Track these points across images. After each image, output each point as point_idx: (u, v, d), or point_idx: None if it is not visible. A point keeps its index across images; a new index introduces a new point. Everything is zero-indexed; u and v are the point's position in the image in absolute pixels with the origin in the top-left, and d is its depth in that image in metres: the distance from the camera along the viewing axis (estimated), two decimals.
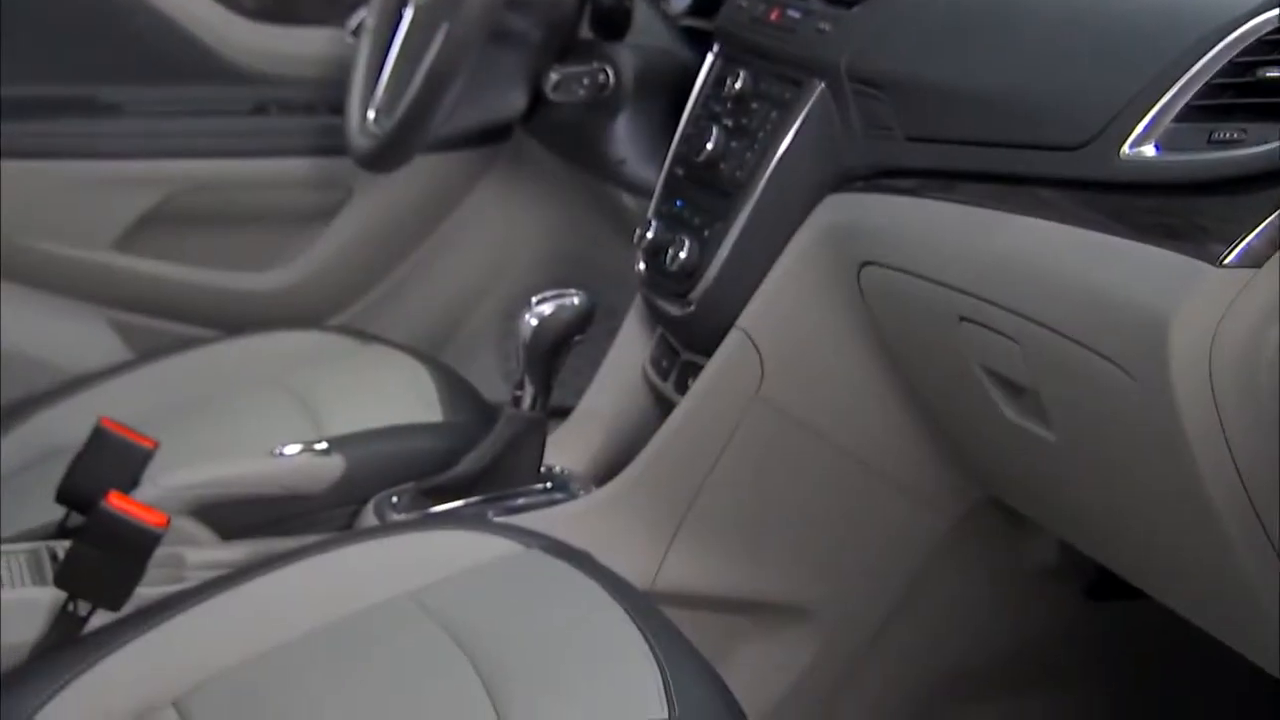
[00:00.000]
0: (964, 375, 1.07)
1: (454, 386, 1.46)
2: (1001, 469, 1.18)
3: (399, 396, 1.43)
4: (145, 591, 1.08)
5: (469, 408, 1.43)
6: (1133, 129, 0.92)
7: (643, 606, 1.04)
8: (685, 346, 1.31)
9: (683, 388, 1.29)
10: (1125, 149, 0.92)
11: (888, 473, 1.24)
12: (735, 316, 1.23)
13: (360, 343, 1.56)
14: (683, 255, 1.27)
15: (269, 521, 1.26)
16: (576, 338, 1.27)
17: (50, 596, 1.06)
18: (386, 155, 1.53)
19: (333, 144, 1.62)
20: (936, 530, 1.26)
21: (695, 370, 1.27)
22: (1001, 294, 0.99)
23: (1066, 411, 0.98)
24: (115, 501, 1.05)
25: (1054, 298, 0.94)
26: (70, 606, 1.05)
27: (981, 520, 1.26)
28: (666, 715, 0.93)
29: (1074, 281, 0.92)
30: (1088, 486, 1.01)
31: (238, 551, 1.21)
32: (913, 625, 1.29)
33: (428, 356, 1.53)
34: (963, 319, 1.04)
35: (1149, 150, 0.91)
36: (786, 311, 1.21)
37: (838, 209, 1.18)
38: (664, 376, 1.33)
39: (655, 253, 1.30)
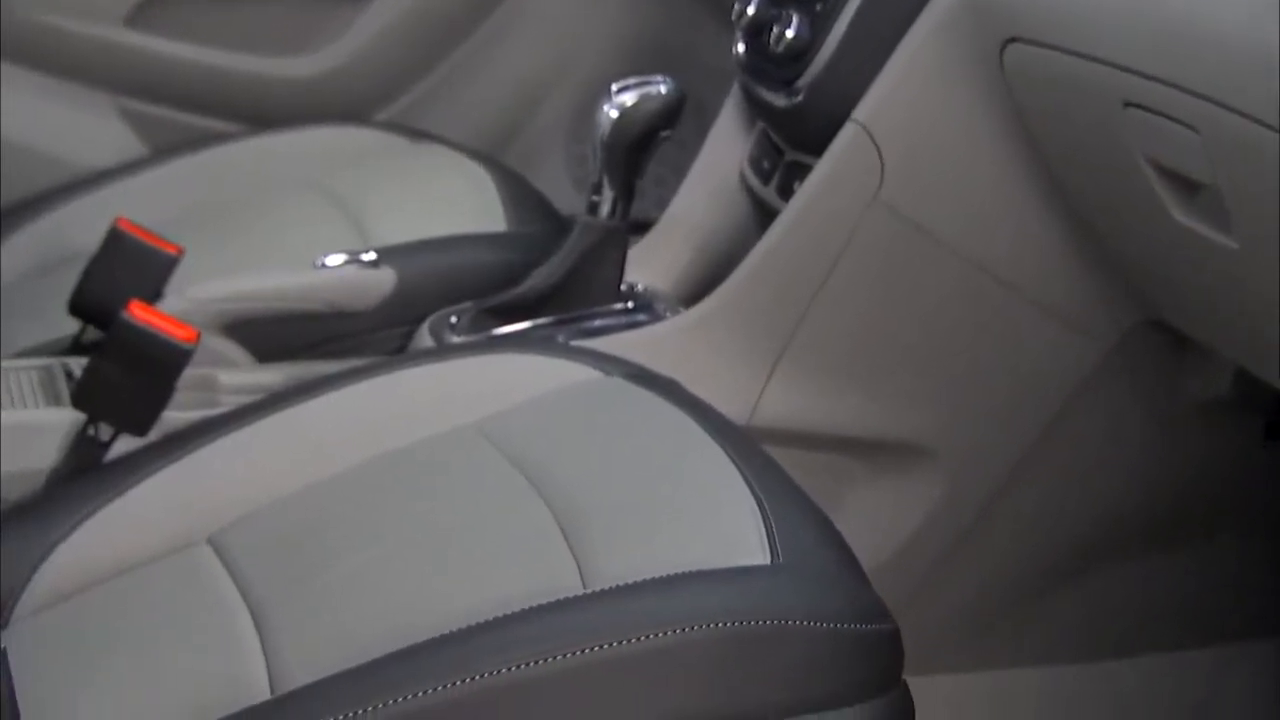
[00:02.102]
0: (1126, 171, 1.05)
1: (520, 192, 1.46)
2: (1167, 284, 1.16)
3: (457, 202, 1.43)
4: (174, 416, 1.11)
5: (537, 216, 1.43)
6: None
7: (740, 442, 1.05)
8: (790, 144, 1.30)
9: (787, 192, 1.28)
10: None
11: (1028, 291, 1.23)
12: (851, 107, 1.21)
13: (410, 141, 1.56)
14: (790, 34, 1.24)
15: (310, 343, 1.27)
16: (663, 133, 1.26)
17: (67, 419, 1.08)
18: None
19: None
20: (1085, 359, 1.25)
21: (802, 172, 1.26)
22: (1177, 71, 0.96)
23: (1254, 212, 0.96)
24: (138, 312, 1.06)
25: (1246, 75, 0.91)
26: (90, 430, 1.07)
27: (1138, 347, 1.25)
28: (769, 562, 0.95)
29: (1272, 53, 0.89)
30: (1276, 302, 1.00)
31: (275, 375, 1.23)
32: (1051, 469, 1.29)
33: (488, 158, 1.53)
34: (1128, 104, 1.02)
35: None
36: (912, 99, 1.19)
37: None
38: (765, 180, 1.32)
39: (757, 31, 1.28)
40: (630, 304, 1.30)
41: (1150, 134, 1.01)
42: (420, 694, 0.86)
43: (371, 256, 1.30)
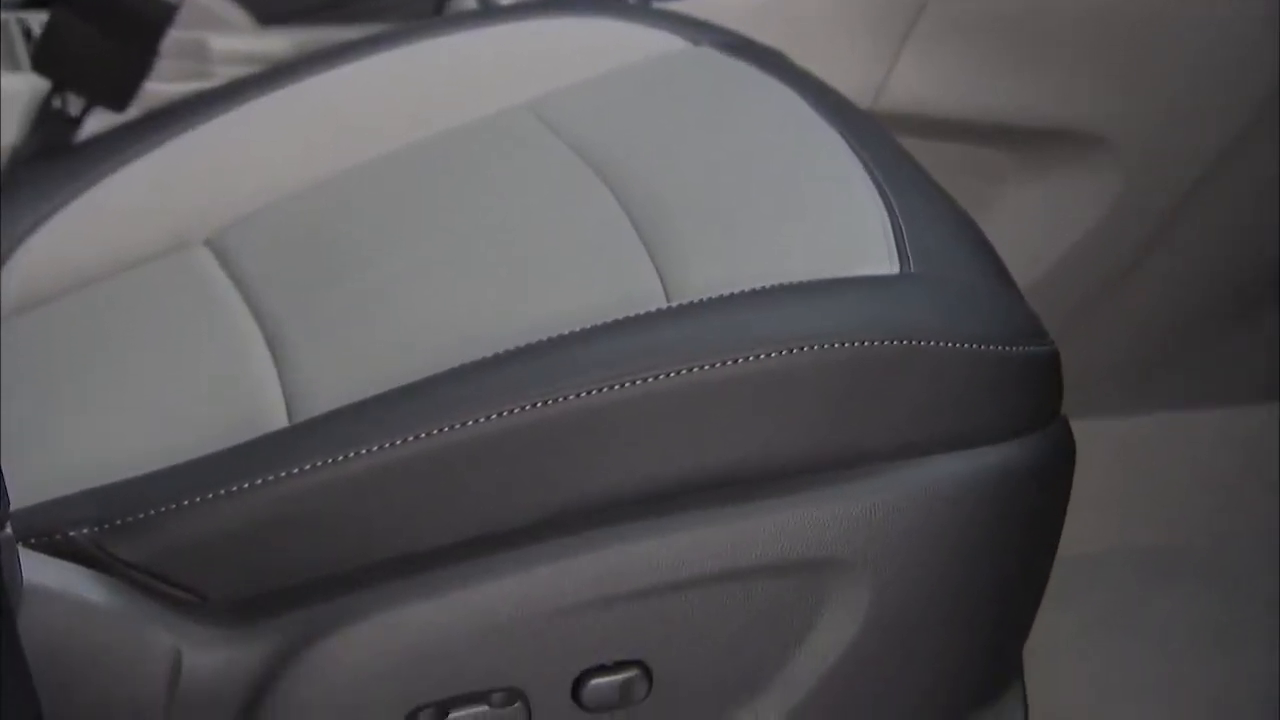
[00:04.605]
0: None
1: None
2: None
3: None
4: (158, 89, 1.11)
5: None
6: None
7: (863, 126, 1.04)
8: None
9: None
10: None
11: None
12: None
13: None
14: None
15: (324, 3, 1.26)
16: None
17: (28, 87, 1.09)
18: None
19: None
20: None
21: None
22: None
23: None
24: None
25: None
26: (56, 102, 1.08)
27: None
28: (897, 271, 0.94)
29: None
30: None
31: (281, 41, 1.22)
32: (1239, 185, 1.30)
33: None
34: None
35: None
36: None
37: None
38: None
39: None
40: None
41: None
42: (471, 422, 0.86)
43: None
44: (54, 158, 1.07)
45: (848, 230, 0.96)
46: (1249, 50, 1.24)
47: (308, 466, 0.86)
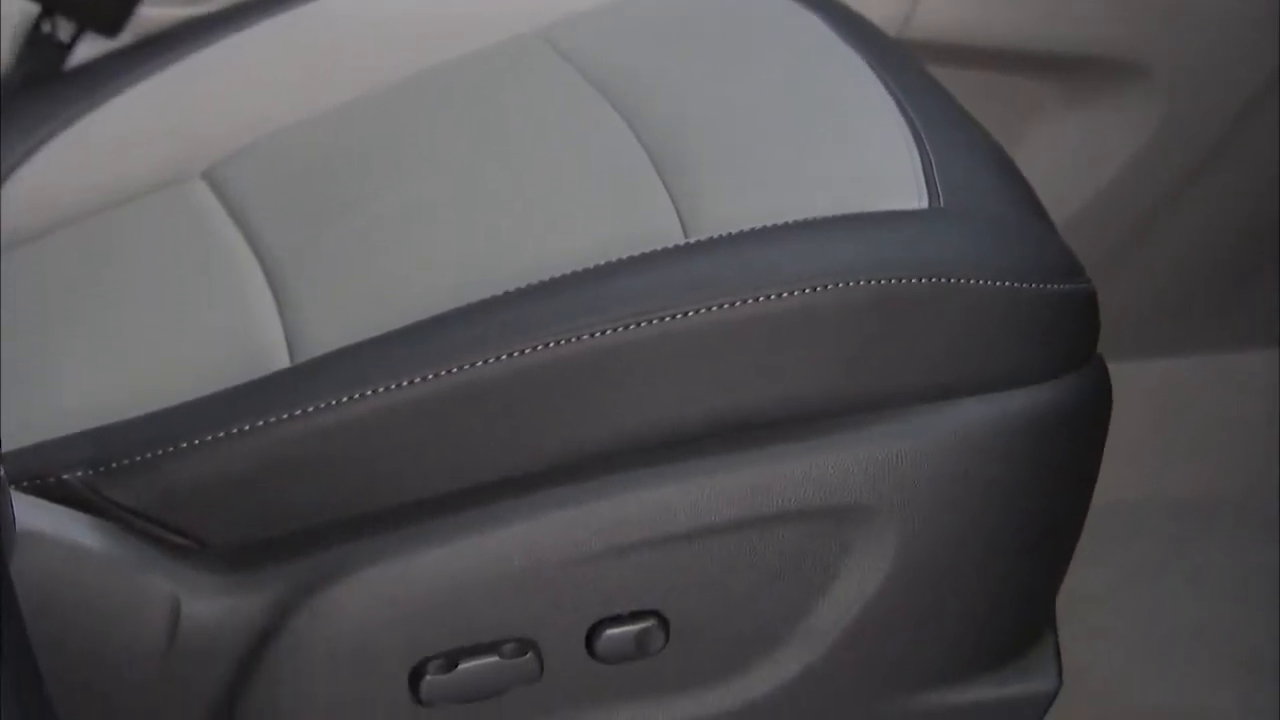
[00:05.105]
0: None
1: None
2: None
3: None
4: (152, 14, 1.10)
5: None
6: None
7: (890, 54, 1.04)
8: None
9: None
10: None
11: None
12: None
13: None
14: None
15: None
16: None
17: (15, 10, 1.08)
18: None
19: None
20: None
21: None
22: None
23: None
24: None
25: None
26: (45, 26, 1.07)
27: None
28: (925, 204, 0.93)
29: None
30: None
31: None
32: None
33: None
34: None
35: None
36: None
37: None
38: None
39: None
40: None
41: None
42: (481, 363, 0.86)
43: None
44: (43, 86, 1.07)
45: (874, 163, 0.96)
46: None
47: (310, 409, 0.86)
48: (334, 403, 0.85)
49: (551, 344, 0.86)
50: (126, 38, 1.09)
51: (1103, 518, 1.07)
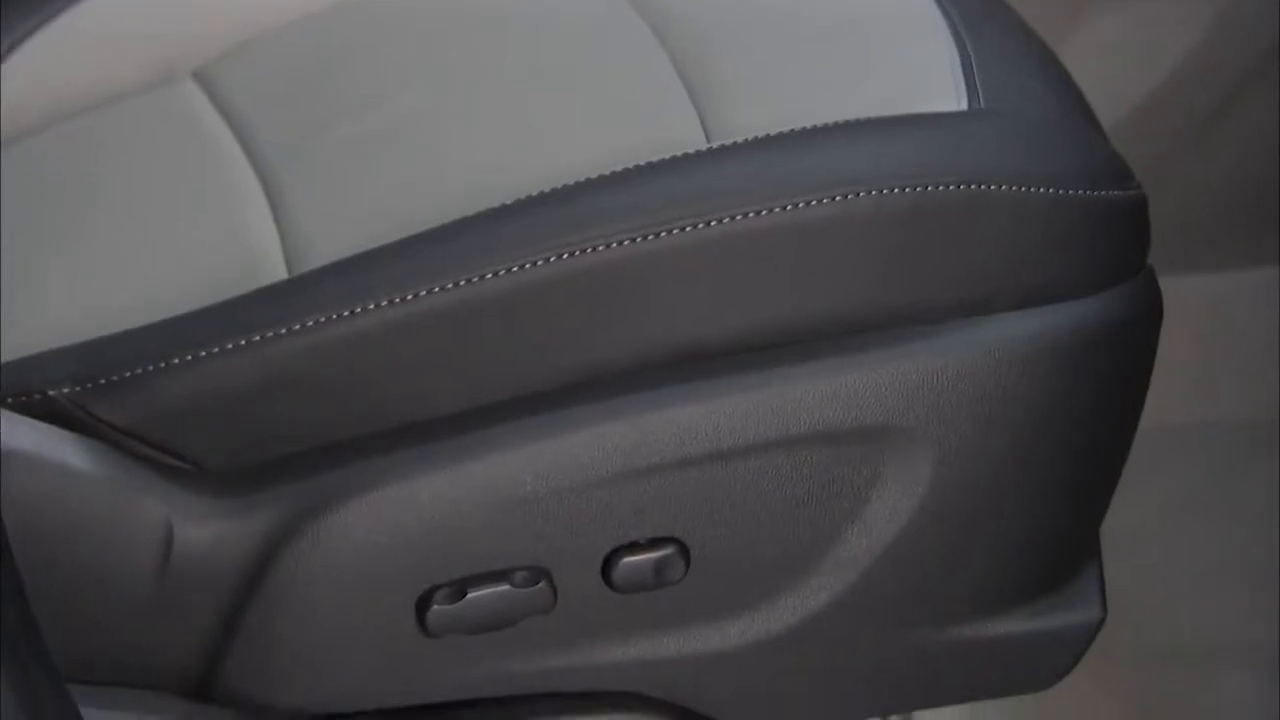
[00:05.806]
0: None
1: None
2: None
3: None
4: None
5: None
6: None
7: None
8: None
9: None
10: None
11: None
12: None
13: None
14: None
15: None
16: None
17: None
18: None
19: None
20: None
21: None
22: None
23: None
24: None
25: None
26: None
27: None
28: (965, 107, 0.93)
29: None
30: None
31: None
32: None
33: None
34: None
35: None
36: None
37: None
38: None
39: None
40: None
41: None
42: (490, 275, 0.86)
43: None
44: None
45: (911, 63, 0.95)
46: None
47: (309, 323, 0.85)
48: (334, 317, 0.85)
49: (563, 255, 0.86)
50: None
51: (1150, 443, 1.07)
